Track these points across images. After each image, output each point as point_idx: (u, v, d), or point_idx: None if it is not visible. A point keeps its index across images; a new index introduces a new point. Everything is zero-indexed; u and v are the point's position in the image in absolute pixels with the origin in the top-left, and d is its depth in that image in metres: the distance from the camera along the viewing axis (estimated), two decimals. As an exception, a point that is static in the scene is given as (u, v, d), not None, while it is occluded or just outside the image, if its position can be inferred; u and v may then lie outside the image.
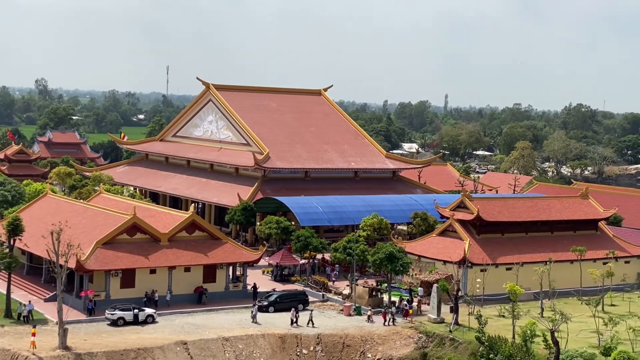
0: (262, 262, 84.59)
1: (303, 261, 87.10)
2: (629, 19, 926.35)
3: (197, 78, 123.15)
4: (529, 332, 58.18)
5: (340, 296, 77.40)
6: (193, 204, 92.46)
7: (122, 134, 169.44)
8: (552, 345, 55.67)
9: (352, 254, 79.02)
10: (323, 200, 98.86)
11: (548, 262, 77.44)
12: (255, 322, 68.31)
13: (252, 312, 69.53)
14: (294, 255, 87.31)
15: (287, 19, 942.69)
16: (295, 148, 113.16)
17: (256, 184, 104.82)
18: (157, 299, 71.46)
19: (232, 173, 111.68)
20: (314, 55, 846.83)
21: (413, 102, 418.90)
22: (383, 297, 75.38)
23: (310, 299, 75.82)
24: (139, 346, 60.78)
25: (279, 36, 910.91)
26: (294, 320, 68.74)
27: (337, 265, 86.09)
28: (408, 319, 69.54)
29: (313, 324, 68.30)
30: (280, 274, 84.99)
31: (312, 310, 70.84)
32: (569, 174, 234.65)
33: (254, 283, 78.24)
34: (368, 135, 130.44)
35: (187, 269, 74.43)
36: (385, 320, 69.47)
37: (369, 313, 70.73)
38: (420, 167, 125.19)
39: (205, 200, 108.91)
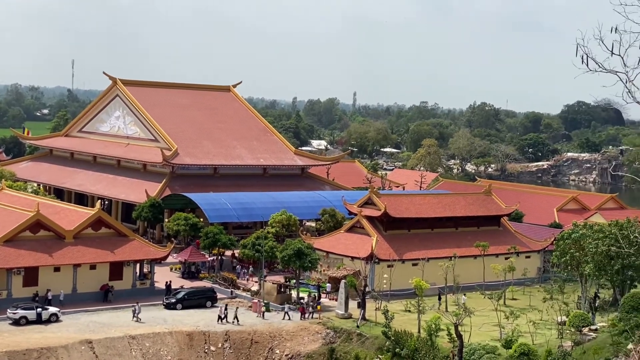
0: (171, 259, 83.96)
1: (211, 258, 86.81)
2: (530, 20, 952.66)
3: (104, 72, 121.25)
4: (433, 326, 59.43)
5: (248, 293, 77.44)
6: (99, 201, 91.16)
7: (25, 129, 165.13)
8: (456, 338, 56.97)
9: (260, 251, 79.17)
10: (232, 197, 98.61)
11: (453, 258, 79.17)
12: (138, 321, 66.76)
13: (134, 310, 67.88)
14: (202, 252, 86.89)
15: (198, 16, 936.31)
16: (204, 144, 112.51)
17: (164, 180, 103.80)
18: (50, 298, 69.63)
19: (140, 169, 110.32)
20: (223, 52, 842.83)
21: (322, 100, 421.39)
22: (291, 294, 75.75)
23: (219, 295, 75.62)
24: (42, 345, 59.56)
25: (189, 32, 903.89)
26: (222, 316, 68.42)
27: (246, 265, 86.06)
28: (316, 315, 70.02)
29: (238, 320, 68.21)
30: (188, 271, 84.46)
31: (237, 308, 70.63)
32: (473, 171, 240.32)
33: (169, 281, 77.85)
34: (277, 132, 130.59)
35: (93, 267, 73.25)
36: (303, 314, 69.88)
37: (285, 309, 70.71)
38: (328, 164, 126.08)
39: (112, 196, 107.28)
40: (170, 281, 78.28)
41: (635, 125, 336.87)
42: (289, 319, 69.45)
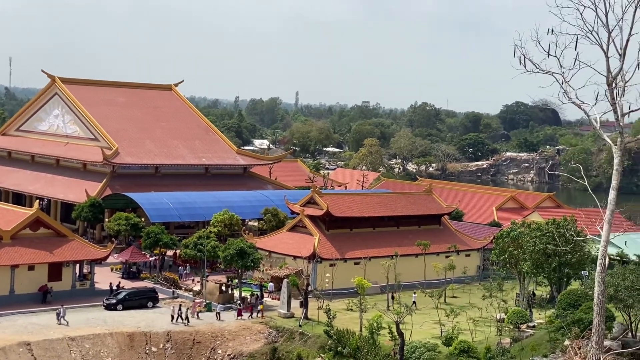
0: (111, 259, 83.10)
1: (153, 258, 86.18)
2: (469, 21, 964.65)
3: (42, 70, 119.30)
4: (375, 324, 59.91)
5: (190, 293, 77.06)
6: (38, 201, 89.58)
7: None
8: (398, 336, 57.52)
9: (202, 250, 78.87)
10: (173, 196, 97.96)
11: (394, 256, 79.91)
12: (62, 324, 65.42)
13: (58, 313, 66.45)
14: (143, 252, 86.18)
15: (139, 13, 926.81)
16: (146, 143, 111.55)
17: (105, 180, 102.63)
18: None
19: (80, 169, 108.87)
20: (165, 50, 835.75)
21: (264, 99, 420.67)
22: (234, 293, 75.62)
23: (161, 296, 75.12)
24: (-21, 348, 58.48)
25: (131, 30, 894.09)
26: (176, 316, 67.91)
27: (187, 266, 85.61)
28: (259, 315, 70.04)
29: (189, 320, 67.89)
30: (129, 271, 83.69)
31: (188, 308, 70.20)
32: (414, 170, 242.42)
33: (118, 282, 77.48)
34: (219, 131, 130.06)
35: (31, 268, 72.11)
36: (251, 313, 69.84)
37: (217, 310, 70.60)
38: (271, 163, 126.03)
39: (50, 196, 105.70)
40: (120, 283, 77.64)
41: (571, 125, 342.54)
42: (219, 319, 69.14)
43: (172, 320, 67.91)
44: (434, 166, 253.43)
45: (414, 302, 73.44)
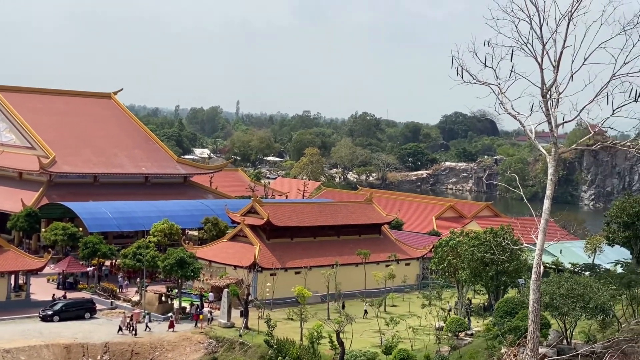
0: (48, 269, 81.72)
1: (90, 268, 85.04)
2: (409, 32, 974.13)
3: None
4: (315, 333, 59.99)
5: (129, 303, 76.20)
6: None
7: None
8: (338, 345, 57.70)
9: (142, 260, 78.11)
10: (112, 206, 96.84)
11: (335, 266, 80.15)
12: None
13: None
14: (81, 262, 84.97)
15: (78, 20, 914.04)
16: (84, 152, 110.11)
17: (41, 189, 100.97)
18: None
19: (15, 177, 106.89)
20: (104, 58, 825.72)
21: (205, 108, 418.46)
22: (173, 303, 74.99)
23: (98, 306, 74.10)
24: None
25: (69, 37, 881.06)
26: (124, 327, 66.91)
27: (126, 277, 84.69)
28: (199, 324, 69.59)
29: (136, 331, 66.98)
30: (66, 282, 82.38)
31: (148, 313, 69.42)
32: (354, 179, 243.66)
33: (64, 294, 76.23)
34: (159, 140, 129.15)
35: (-35, 279, 70.59)
36: (196, 323, 69.28)
37: (145, 321, 69.44)
38: (211, 173, 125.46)
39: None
40: (65, 294, 76.44)
41: (508, 135, 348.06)
42: (148, 329, 68.22)
43: (118, 331, 67.02)
44: (374, 175, 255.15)
45: (366, 312, 73.85)
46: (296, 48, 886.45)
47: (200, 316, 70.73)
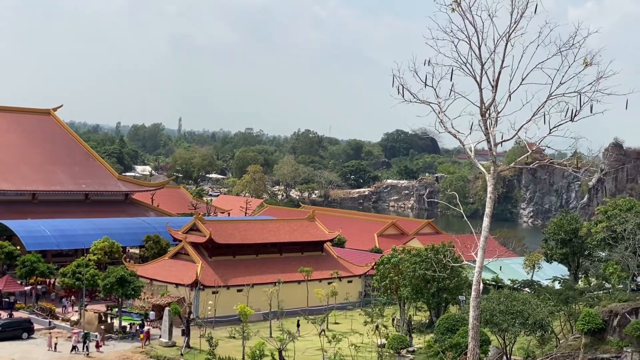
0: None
1: (28, 287, 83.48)
2: (351, 51, 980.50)
3: None
4: (258, 352, 59.77)
5: (68, 323, 74.97)
6: None
7: None
8: (280, 363, 57.55)
9: (81, 279, 76.98)
10: (51, 224, 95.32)
11: (277, 283, 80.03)
12: None
13: None
14: (18, 282, 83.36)
15: (16, 34, 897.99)
16: (22, 169, 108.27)
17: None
18: None
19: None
20: (44, 74, 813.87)
21: (147, 125, 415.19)
22: (114, 322, 74.01)
23: (37, 326, 72.71)
24: None
25: (6, 52, 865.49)
26: (81, 347, 65.62)
27: (67, 296, 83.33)
28: (145, 342, 68.67)
29: (89, 350, 65.73)
30: (2, 301, 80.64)
31: (87, 333, 68.05)
32: (297, 197, 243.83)
33: (10, 313, 74.74)
34: (100, 157, 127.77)
35: None
36: (147, 339, 68.32)
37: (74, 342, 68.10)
38: (153, 190, 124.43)
39: None
40: (12, 313, 74.81)
41: (449, 153, 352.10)
42: (78, 350, 66.86)
43: (71, 351, 65.84)
44: (316, 193, 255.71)
45: (323, 330, 73.72)
46: (239, 66, 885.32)
47: (141, 335, 69.86)
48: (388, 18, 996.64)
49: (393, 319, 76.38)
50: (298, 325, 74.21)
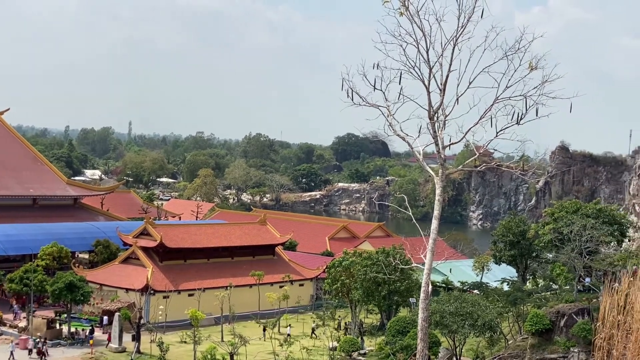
0: None
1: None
2: (301, 53, 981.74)
3: None
4: (209, 356, 59.59)
5: (16, 329, 73.86)
6: None
7: None
8: (232, 367, 57.44)
9: (29, 285, 75.90)
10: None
11: (228, 287, 79.84)
12: None
13: None
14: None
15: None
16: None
17: None
18: None
19: None
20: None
21: (96, 128, 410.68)
22: (62, 328, 73.14)
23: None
24: None
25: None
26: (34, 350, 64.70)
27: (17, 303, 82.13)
28: (88, 349, 68.02)
29: (44, 355, 64.67)
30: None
31: (36, 339, 67.04)
32: (249, 201, 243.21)
33: None
34: (48, 161, 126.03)
35: None
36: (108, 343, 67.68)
37: (10, 348, 66.95)
38: (103, 194, 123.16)
39: None
40: None
41: (400, 156, 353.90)
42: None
43: (29, 353, 65.07)
44: (268, 197, 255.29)
45: (289, 335, 73.66)
46: (190, 69, 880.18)
47: (91, 341, 69.15)
48: (339, 23, 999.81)
49: (338, 324, 76.61)
50: (264, 330, 74.19)
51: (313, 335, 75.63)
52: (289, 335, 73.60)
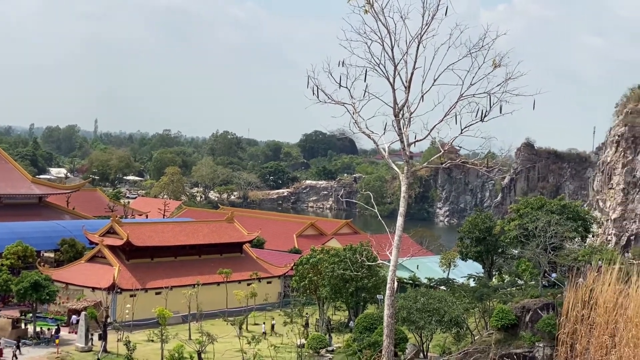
0: None
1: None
2: (269, 51, 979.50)
3: None
4: (177, 354, 59.43)
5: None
6: None
7: None
8: (199, 365, 57.34)
9: (-6, 285, 75.20)
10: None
11: (196, 285, 79.62)
12: None
13: None
14: None
15: None
16: None
17: None
18: None
19: None
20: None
21: (61, 126, 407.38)
22: (28, 328, 72.48)
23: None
24: None
25: None
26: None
27: None
28: (54, 349, 67.44)
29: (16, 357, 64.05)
30: None
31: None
32: (216, 198, 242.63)
33: None
34: (12, 159, 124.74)
35: None
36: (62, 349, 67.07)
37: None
38: (68, 193, 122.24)
39: None
40: None
41: (367, 154, 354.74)
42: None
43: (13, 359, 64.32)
44: (235, 194, 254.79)
45: (264, 332, 73.52)
46: (157, 66, 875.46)
47: (57, 341, 68.61)
48: (305, 20, 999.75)
49: (306, 322, 76.81)
50: (240, 328, 74.12)
51: (273, 332, 75.76)
52: (264, 333, 73.58)
